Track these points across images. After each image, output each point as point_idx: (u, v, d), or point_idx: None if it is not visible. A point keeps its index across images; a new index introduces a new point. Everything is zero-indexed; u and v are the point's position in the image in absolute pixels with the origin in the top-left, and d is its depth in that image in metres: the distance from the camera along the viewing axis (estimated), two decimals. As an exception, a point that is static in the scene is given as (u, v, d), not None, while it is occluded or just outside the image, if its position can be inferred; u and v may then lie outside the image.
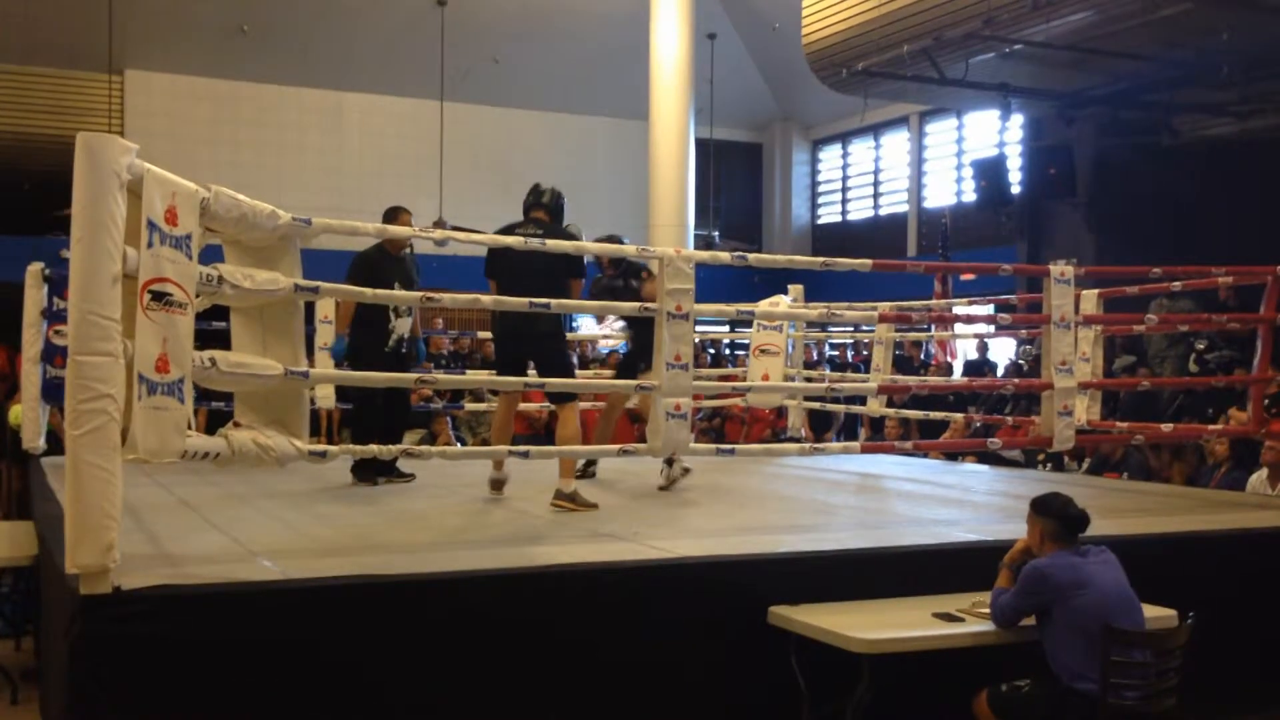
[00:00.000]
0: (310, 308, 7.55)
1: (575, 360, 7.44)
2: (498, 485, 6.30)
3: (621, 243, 6.19)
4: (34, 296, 7.71)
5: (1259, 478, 7.37)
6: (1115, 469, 9.08)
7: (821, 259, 5.93)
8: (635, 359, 6.92)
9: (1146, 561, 4.61)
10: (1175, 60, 10.81)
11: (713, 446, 6.00)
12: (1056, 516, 4.25)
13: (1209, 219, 12.15)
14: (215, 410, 8.08)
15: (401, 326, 6.77)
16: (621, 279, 7.06)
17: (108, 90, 16.55)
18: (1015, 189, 13.53)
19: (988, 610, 4.24)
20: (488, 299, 5.36)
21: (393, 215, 6.72)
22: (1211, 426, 7.84)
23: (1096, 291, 7.73)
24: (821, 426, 11.75)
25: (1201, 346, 10.70)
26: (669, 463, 6.77)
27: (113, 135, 3.66)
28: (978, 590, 4.41)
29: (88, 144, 3.51)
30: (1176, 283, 7.37)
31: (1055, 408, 6.09)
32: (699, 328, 5.98)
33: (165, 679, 3.60)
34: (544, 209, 6.04)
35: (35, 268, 7.79)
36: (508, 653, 4.07)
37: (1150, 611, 4.26)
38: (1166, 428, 7.48)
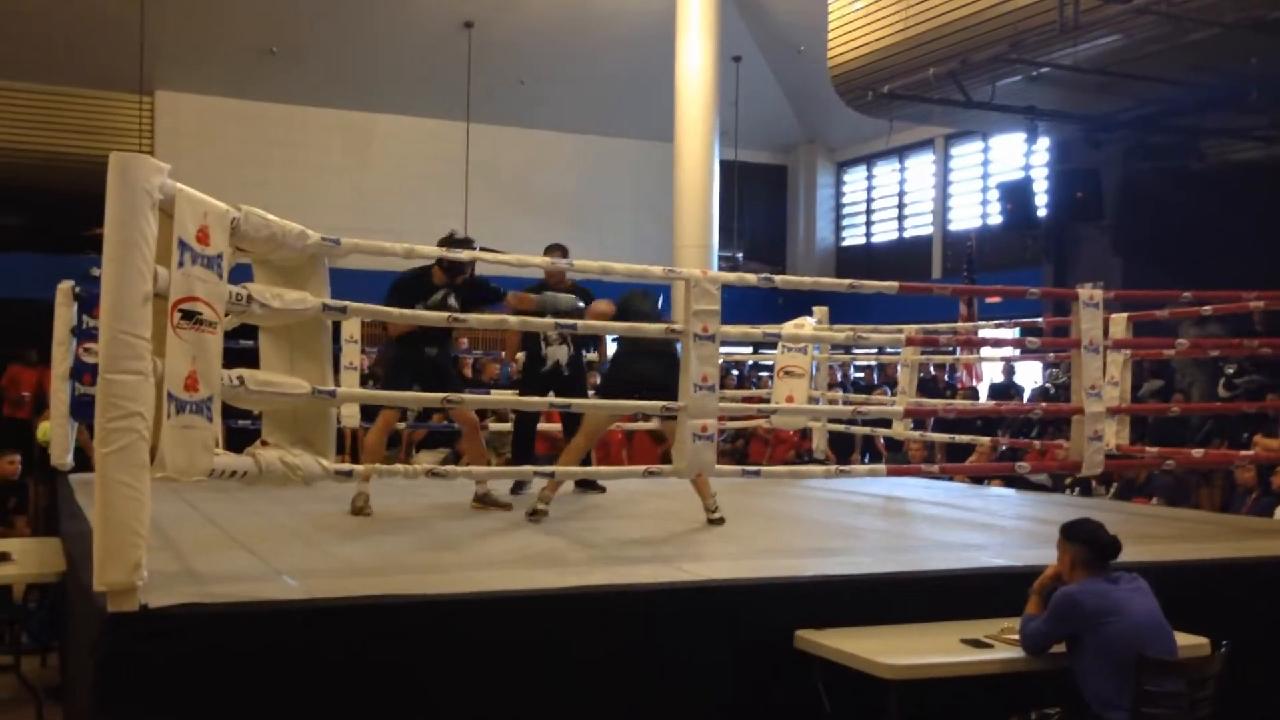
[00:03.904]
0: (338, 327, 7.59)
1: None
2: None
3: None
4: (63, 314, 7.75)
5: (1284, 505, 7.31)
6: (1141, 492, 9.00)
7: (849, 281, 5.92)
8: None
9: (1179, 589, 4.55)
10: (1203, 84, 10.77)
11: (738, 468, 5.98)
12: (1087, 543, 4.20)
13: (1236, 243, 12.06)
14: (240, 429, 8.08)
15: (556, 353, 7.15)
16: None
17: (138, 111, 16.71)
18: (1041, 212, 13.47)
19: (1017, 636, 4.19)
20: (514, 320, 5.37)
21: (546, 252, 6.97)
22: (1243, 453, 7.75)
23: (1125, 315, 7.68)
24: (843, 449, 11.70)
25: (1231, 371, 10.61)
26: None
27: (145, 155, 3.68)
28: (1006, 616, 4.37)
29: (121, 164, 3.54)
30: (1207, 307, 7.31)
31: (1085, 433, 6.04)
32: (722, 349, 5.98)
33: (191, 697, 3.60)
34: None
35: (65, 286, 7.84)
36: (531, 675, 4.05)
37: (1183, 640, 4.20)
38: (1197, 453, 7.40)
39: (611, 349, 7.76)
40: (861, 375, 15.25)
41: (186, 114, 17.30)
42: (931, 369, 13.19)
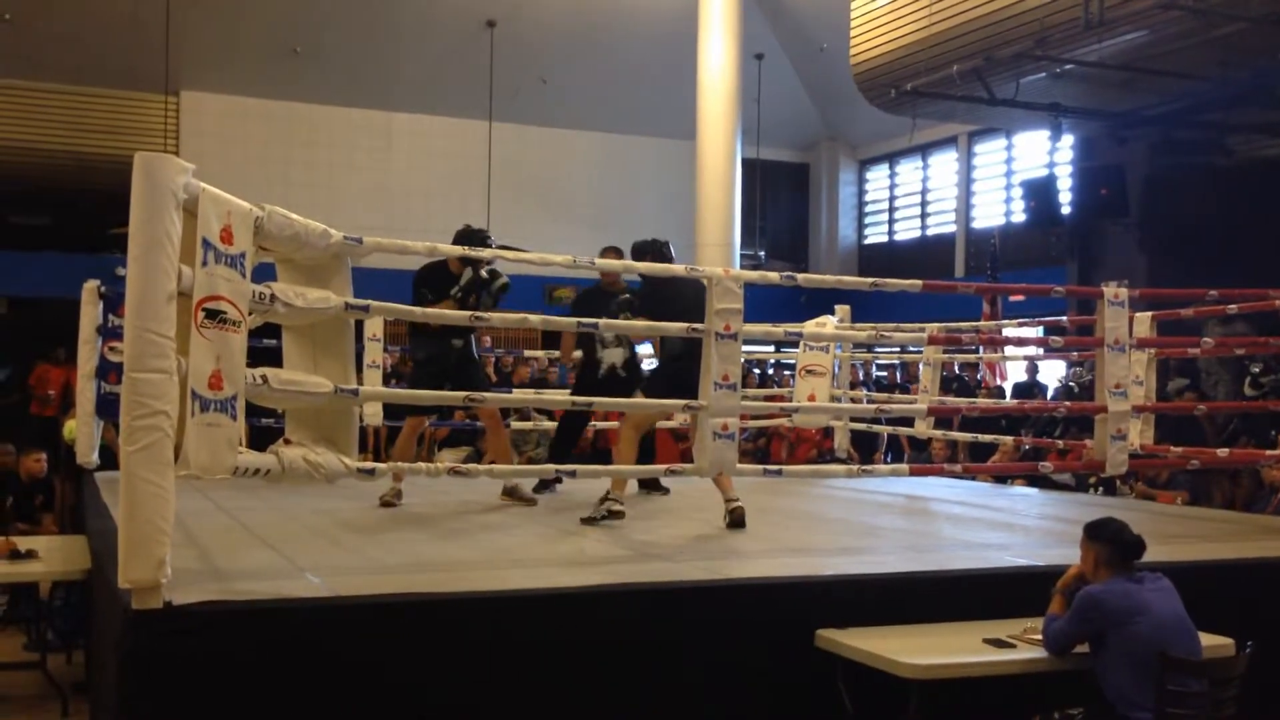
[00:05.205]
0: (360, 325, 7.62)
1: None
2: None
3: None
4: (89, 313, 7.80)
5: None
6: (1162, 489, 8.93)
7: (871, 279, 5.91)
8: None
9: (1203, 589, 4.52)
10: (1230, 80, 10.68)
11: (759, 467, 5.97)
12: (1111, 542, 4.18)
13: (1262, 240, 11.95)
14: (264, 427, 8.13)
15: (611, 356, 7.02)
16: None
17: (163, 110, 16.83)
18: (1065, 210, 13.39)
19: (1039, 636, 4.17)
20: (536, 318, 5.37)
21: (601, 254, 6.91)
22: (1269, 452, 7.69)
23: (1150, 314, 7.63)
24: (866, 448, 11.67)
25: (1257, 370, 10.52)
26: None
27: (169, 155, 3.71)
28: (1029, 616, 4.35)
29: (146, 164, 3.56)
30: (1232, 306, 7.25)
31: (1109, 431, 6.00)
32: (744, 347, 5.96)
33: (215, 694, 3.63)
34: None
35: (91, 285, 7.89)
36: (552, 673, 4.06)
37: (1207, 640, 4.18)
38: (1223, 452, 7.35)
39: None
40: (884, 374, 15.19)
41: (211, 114, 17.40)
42: (957, 368, 13.13)
